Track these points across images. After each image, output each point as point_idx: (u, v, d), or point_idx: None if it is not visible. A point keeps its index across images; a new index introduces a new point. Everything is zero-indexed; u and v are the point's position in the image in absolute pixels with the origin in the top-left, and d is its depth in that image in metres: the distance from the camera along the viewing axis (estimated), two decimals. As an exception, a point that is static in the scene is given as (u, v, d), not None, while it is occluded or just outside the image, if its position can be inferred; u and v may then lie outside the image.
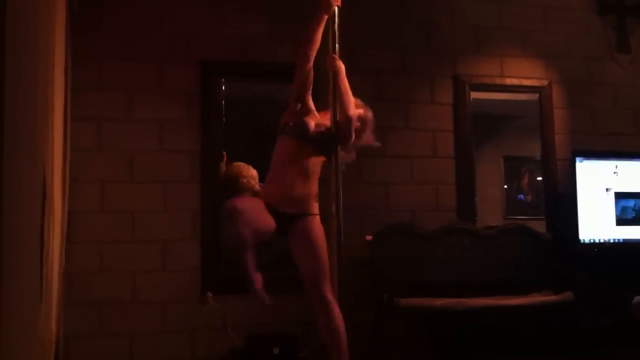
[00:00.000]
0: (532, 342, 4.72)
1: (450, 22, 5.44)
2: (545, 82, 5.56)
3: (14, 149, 1.84)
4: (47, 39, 2.60)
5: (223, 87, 5.00)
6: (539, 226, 5.39)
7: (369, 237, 4.83)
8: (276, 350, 4.44)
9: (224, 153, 5.26)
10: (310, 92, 3.50)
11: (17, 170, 1.93)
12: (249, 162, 5.51)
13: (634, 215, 5.27)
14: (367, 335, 4.57)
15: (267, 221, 3.25)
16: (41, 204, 2.58)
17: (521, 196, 6.45)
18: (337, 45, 3.42)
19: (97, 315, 4.55)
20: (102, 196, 4.65)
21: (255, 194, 3.53)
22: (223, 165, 5.05)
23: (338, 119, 3.36)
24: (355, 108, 3.38)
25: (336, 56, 3.39)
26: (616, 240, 5.21)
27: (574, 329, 4.68)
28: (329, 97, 3.41)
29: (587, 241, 5.13)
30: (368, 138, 3.55)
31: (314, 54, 3.42)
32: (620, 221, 5.23)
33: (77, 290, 4.49)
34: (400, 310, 4.36)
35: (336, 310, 3.28)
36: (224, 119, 4.97)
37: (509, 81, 5.52)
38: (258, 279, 3.20)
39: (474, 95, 5.43)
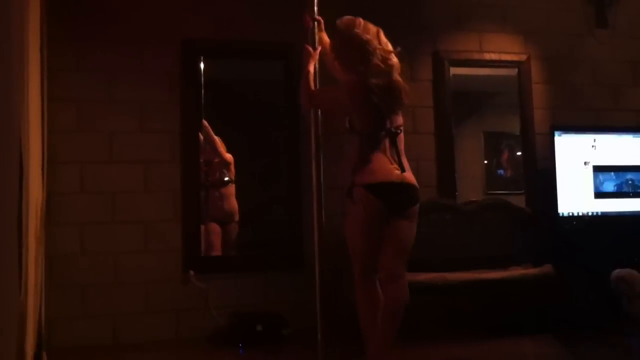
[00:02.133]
0: (513, 316, 4.77)
1: (430, -2, 5.44)
2: (524, 57, 5.58)
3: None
4: (20, 19, 2.57)
5: (202, 66, 4.99)
6: (519, 201, 5.44)
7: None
8: (259, 327, 4.47)
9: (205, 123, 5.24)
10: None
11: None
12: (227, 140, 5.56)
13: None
14: (350, 317, 4.60)
15: None
16: (18, 185, 2.56)
17: (501, 171, 6.50)
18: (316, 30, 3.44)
19: (80, 297, 4.55)
20: (82, 177, 4.63)
21: None
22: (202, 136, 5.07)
23: None
24: (303, 96, 3.29)
25: (308, 46, 3.38)
26: (595, 214, 5.27)
27: (554, 301, 4.74)
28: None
29: (566, 214, 5.18)
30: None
31: (312, 91, 3.29)
32: (599, 194, 5.29)
33: (58, 273, 4.48)
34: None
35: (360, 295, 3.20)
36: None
37: (488, 56, 5.52)
38: None
39: (454, 71, 5.44)
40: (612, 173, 5.34)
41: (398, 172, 3.12)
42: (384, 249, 3.17)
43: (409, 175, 3.17)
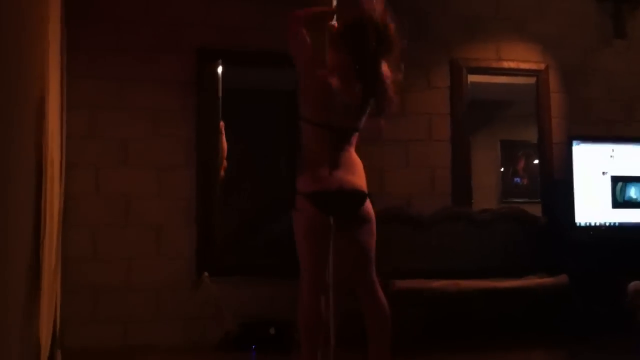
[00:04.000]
0: (527, 326, 4.76)
1: (448, 9, 5.43)
2: (542, 66, 5.55)
3: (11, 138, 1.86)
4: (41, 26, 2.62)
5: (219, 74, 5.02)
6: (535, 210, 5.41)
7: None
8: (272, 331, 4.48)
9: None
10: None
11: (15, 158, 1.96)
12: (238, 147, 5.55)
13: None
14: (359, 325, 4.61)
15: None
16: (38, 189, 2.61)
17: (517, 180, 6.47)
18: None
19: (92, 301, 4.58)
20: (97, 181, 4.67)
21: None
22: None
23: None
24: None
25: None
26: (612, 224, 5.22)
27: (567, 311, 4.72)
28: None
29: (583, 224, 5.14)
30: None
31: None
32: (617, 204, 5.25)
33: (71, 276, 4.50)
34: (395, 292, 4.40)
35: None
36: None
37: (506, 65, 5.51)
38: None
39: (471, 78, 5.43)
40: (631, 183, 5.29)
41: (338, 179, 2.93)
42: (348, 263, 3.06)
43: (352, 180, 2.97)
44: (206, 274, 4.71)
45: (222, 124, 5.13)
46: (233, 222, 5.49)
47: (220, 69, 5.03)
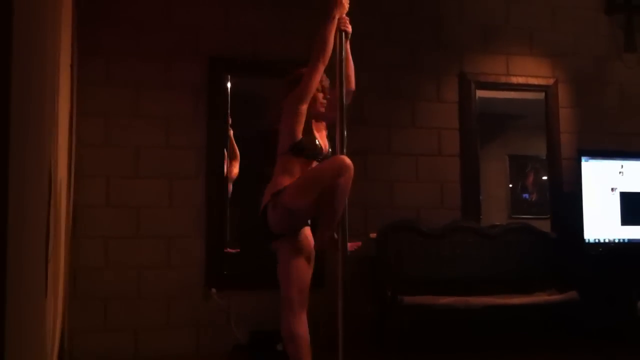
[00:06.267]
0: (536, 341, 4.72)
1: (458, 19, 5.44)
2: (551, 81, 5.55)
3: (20, 144, 1.85)
4: (53, 33, 2.61)
5: (229, 83, 5.02)
6: (544, 225, 5.38)
7: (373, 235, 4.84)
8: (279, 347, 4.44)
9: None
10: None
11: (24, 165, 1.94)
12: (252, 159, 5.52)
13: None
14: (367, 332, 4.58)
15: None
16: (47, 198, 2.59)
17: (526, 195, 6.42)
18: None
19: (102, 310, 4.57)
20: (108, 191, 4.67)
21: None
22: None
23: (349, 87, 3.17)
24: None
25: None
26: (621, 240, 5.19)
27: (577, 328, 4.68)
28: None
29: (592, 241, 5.11)
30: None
31: (329, 56, 3.13)
32: (626, 221, 5.21)
33: (82, 285, 4.51)
34: (404, 307, 4.37)
35: None
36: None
37: (515, 80, 5.51)
38: None
39: (480, 93, 5.42)
40: (640, 200, 5.26)
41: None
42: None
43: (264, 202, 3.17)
44: (214, 290, 4.68)
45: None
46: (242, 231, 5.44)
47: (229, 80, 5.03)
